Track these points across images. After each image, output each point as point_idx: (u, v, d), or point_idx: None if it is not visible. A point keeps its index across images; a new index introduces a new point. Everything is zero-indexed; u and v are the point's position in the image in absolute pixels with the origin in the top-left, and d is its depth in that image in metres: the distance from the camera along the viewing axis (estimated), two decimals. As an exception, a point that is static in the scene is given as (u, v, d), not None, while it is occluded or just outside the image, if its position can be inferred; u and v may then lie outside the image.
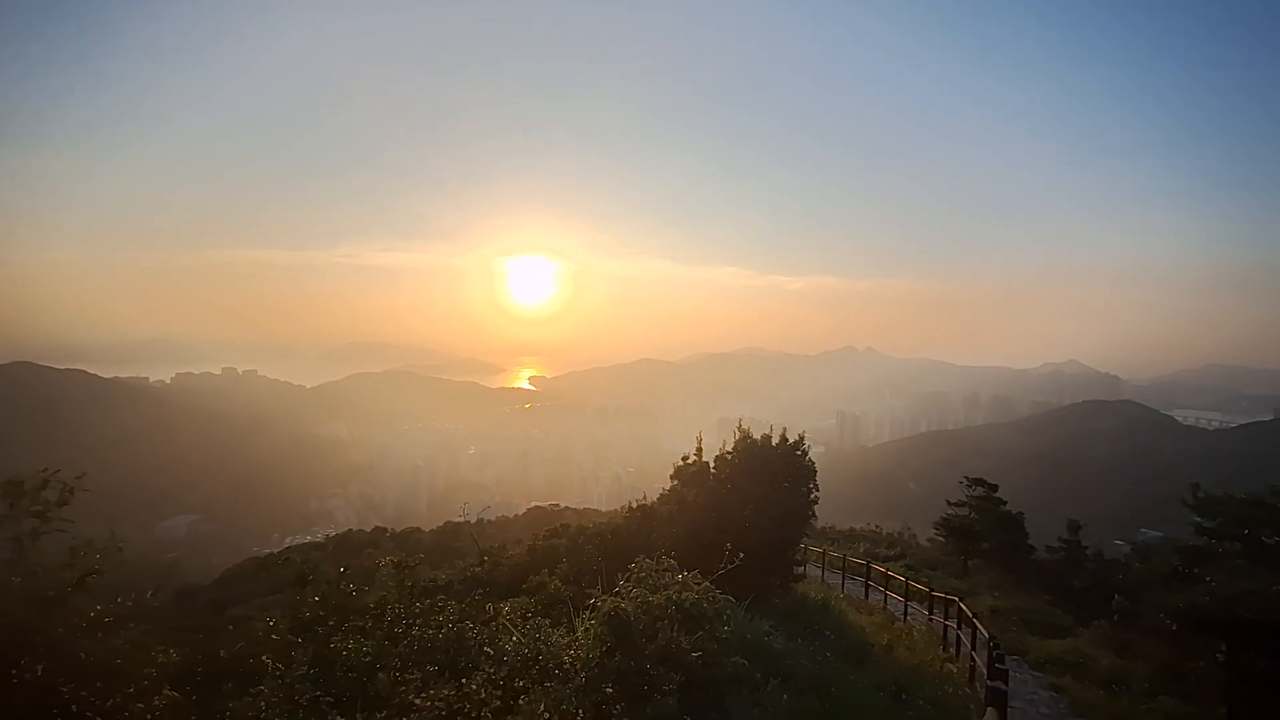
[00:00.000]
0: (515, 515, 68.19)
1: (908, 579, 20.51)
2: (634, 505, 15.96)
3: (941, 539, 31.36)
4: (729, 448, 15.89)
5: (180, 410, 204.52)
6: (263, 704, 4.96)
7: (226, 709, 4.55)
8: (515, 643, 5.69)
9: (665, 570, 6.93)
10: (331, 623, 5.68)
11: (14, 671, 2.96)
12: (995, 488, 30.18)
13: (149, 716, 3.43)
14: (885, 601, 20.73)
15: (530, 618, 7.77)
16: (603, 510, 66.95)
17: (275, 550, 70.51)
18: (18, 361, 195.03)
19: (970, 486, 30.52)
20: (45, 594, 3.16)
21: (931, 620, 17.82)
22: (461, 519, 61.09)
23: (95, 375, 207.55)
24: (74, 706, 3.01)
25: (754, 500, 14.06)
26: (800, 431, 16.54)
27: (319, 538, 76.70)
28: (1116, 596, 20.00)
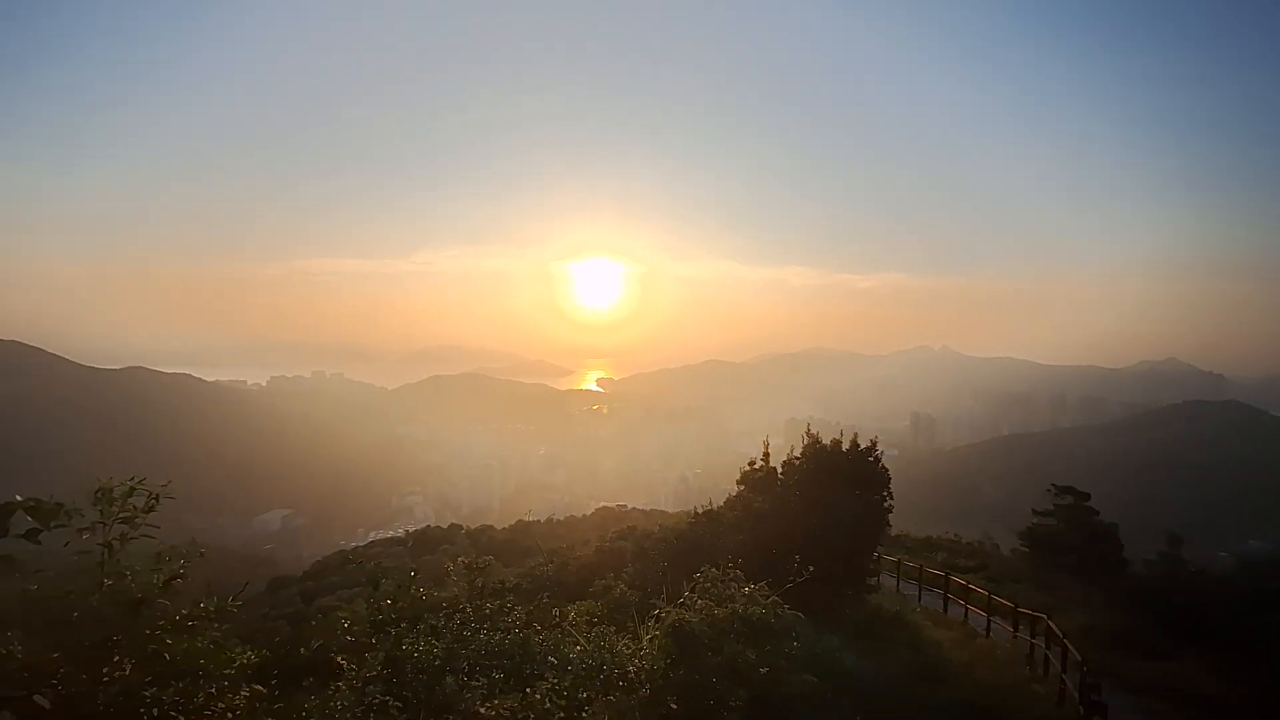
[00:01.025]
0: (583, 515, 69.16)
1: (990, 592, 19.38)
2: (699, 511, 15.79)
3: (1026, 550, 29.53)
4: (797, 452, 15.46)
5: (275, 411, 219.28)
6: (337, 703, 5.12)
7: (302, 708, 4.71)
8: (580, 651, 5.66)
9: (731, 581, 6.75)
10: (404, 624, 5.82)
11: (104, 670, 3.12)
12: (1086, 496, 28.16)
13: (229, 715, 3.56)
14: (966, 616, 19.67)
15: (595, 624, 7.76)
16: (670, 512, 66.97)
17: (360, 544, 74.30)
18: (133, 366, 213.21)
19: (1058, 494, 28.59)
20: (133, 597, 3.34)
21: (1016, 637, 16.78)
22: (531, 518, 62.40)
23: (200, 379, 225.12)
24: (157, 708, 3.16)
25: (823, 508, 13.60)
26: (873, 436, 15.91)
27: (399, 533, 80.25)
28: (1221, 616, 18.22)
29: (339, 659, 5.30)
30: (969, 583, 21.31)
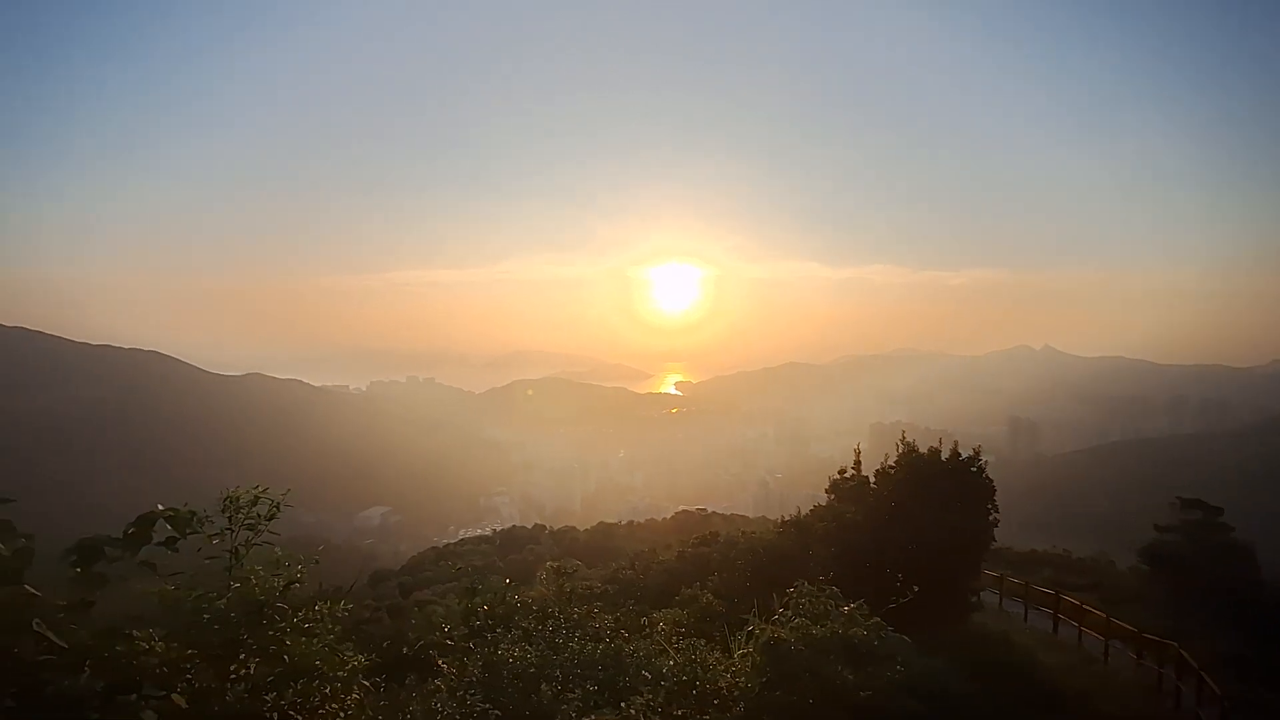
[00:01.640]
0: (663, 519, 69.25)
1: (1108, 614, 17.77)
2: (785, 519, 15.38)
3: (1146, 568, 26.96)
4: (891, 461, 14.73)
5: (374, 414, 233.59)
6: (437, 704, 5.27)
7: (407, 710, 4.88)
8: (673, 665, 5.56)
9: (828, 598, 6.46)
10: (499, 629, 5.93)
11: (232, 668, 3.31)
12: (1219, 511, 25.43)
13: (342, 715, 3.71)
14: (1080, 639, 18.15)
15: (684, 635, 7.65)
16: (750, 517, 65.96)
17: (451, 542, 77.66)
18: (251, 373, 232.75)
19: (1184, 508, 25.96)
20: (257, 600, 3.54)
21: (1140, 665, 15.31)
22: (614, 520, 62.96)
23: (309, 384, 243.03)
24: (278, 709, 3.33)
25: (920, 521, 12.87)
26: (975, 445, 14.93)
27: (487, 532, 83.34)
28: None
29: (440, 661, 5.46)
30: (1083, 602, 19.67)
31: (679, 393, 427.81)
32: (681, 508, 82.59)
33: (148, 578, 2.89)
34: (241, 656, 3.34)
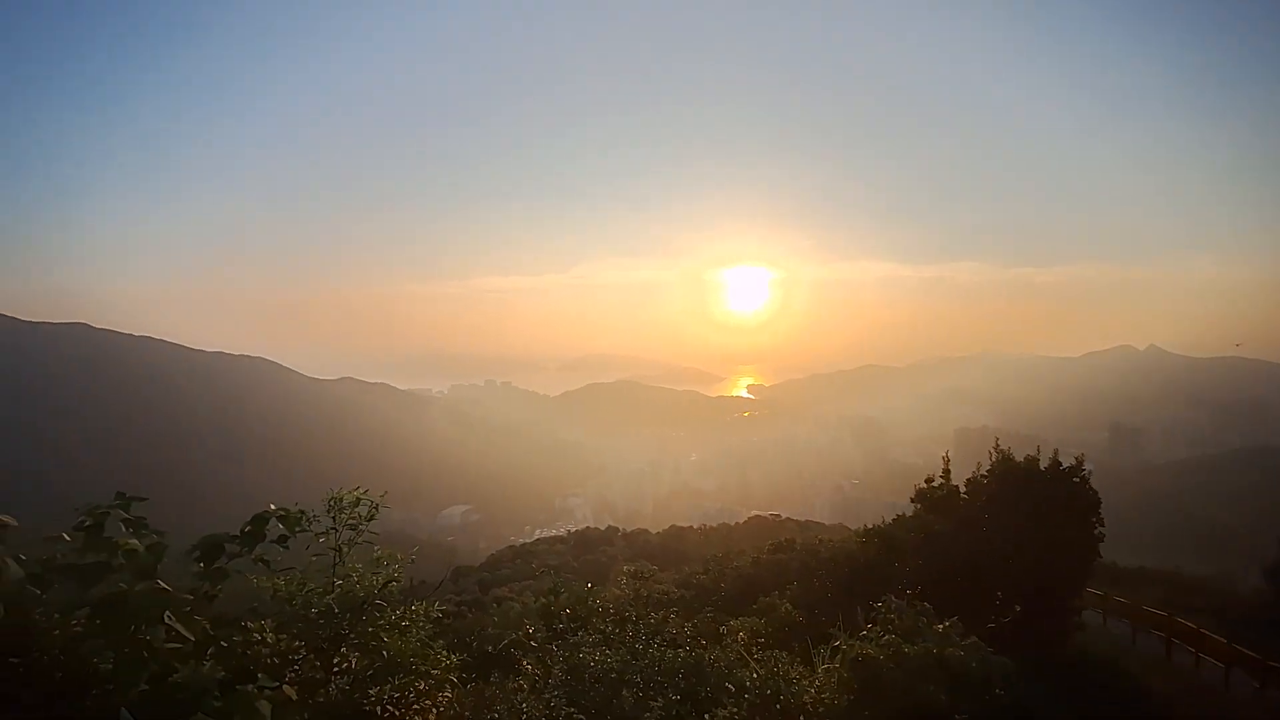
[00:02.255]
0: (736, 523, 68.48)
1: (1229, 639, 16.09)
2: (867, 528, 14.81)
3: (1270, 588, 24.30)
4: (983, 469, 13.91)
5: (455, 416, 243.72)
6: (522, 704, 5.37)
7: (495, 710, 4.99)
8: (756, 678, 5.43)
9: (919, 614, 6.15)
10: (580, 632, 5.99)
11: (336, 660, 3.49)
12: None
13: (434, 711, 3.83)
14: (1197, 664, 16.54)
15: (763, 645, 7.48)
16: (827, 524, 64.15)
17: (527, 541, 79.65)
18: (344, 377, 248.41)
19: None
20: (358, 597, 3.71)
21: (1263, 695, 13.80)
22: (686, 524, 62.72)
23: (395, 388, 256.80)
24: (379, 703, 3.47)
25: (1018, 534, 12.08)
26: (1077, 453, 13.90)
27: (562, 532, 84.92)
28: None
29: (525, 662, 5.56)
30: (1200, 626, 17.92)
31: (751, 396, 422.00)
32: (755, 513, 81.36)
33: (262, 573, 3.08)
34: (343, 650, 3.52)
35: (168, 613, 2.57)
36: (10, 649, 2.53)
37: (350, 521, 3.77)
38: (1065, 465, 13.48)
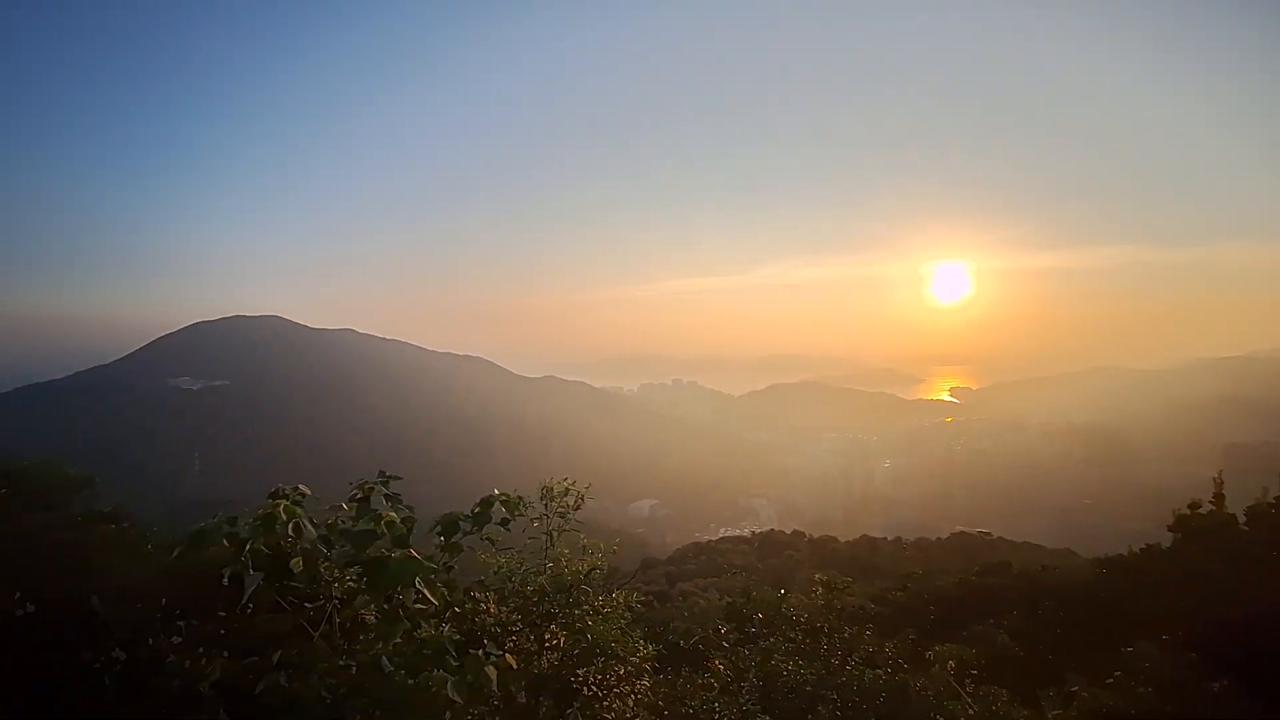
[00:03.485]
0: (937, 539, 62.91)
1: None
2: (1107, 557, 12.68)
3: None
4: (1273, 495, 11.18)
5: (645, 414, 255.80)
6: (714, 702, 5.41)
7: (689, 704, 5.09)
8: (971, 714, 4.92)
9: (1185, 667, 5.12)
10: (773, 639, 5.90)
11: (547, 636, 3.80)
12: None
13: (633, 696, 4.02)
14: None
15: (976, 679, 6.76)
16: (1049, 548, 56.15)
17: (712, 539, 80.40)
18: (546, 375, 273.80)
19: None
20: (567, 579, 4.02)
21: None
22: (878, 535, 59.08)
23: (591, 386, 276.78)
24: (584, 683, 3.73)
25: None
26: None
27: (746, 533, 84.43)
28: None
29: (716, 662, 5.62)
30: None
31: (955, 400, 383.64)
32: (959, 528, 74.14)
33: (487, 550, 3.48)
34: (553, 628, 3.85)
35: (418, 578, 3.01)
36: (305, 595, 3.14)
37: (559, 510, 4.11)
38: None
